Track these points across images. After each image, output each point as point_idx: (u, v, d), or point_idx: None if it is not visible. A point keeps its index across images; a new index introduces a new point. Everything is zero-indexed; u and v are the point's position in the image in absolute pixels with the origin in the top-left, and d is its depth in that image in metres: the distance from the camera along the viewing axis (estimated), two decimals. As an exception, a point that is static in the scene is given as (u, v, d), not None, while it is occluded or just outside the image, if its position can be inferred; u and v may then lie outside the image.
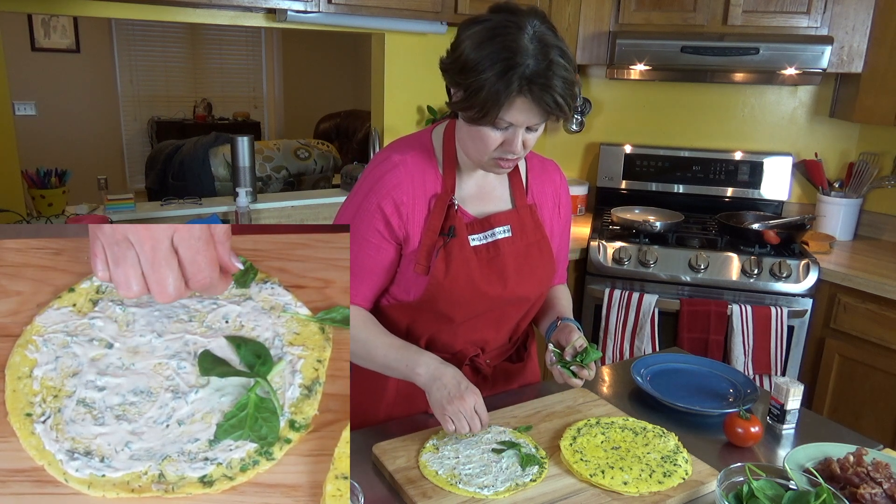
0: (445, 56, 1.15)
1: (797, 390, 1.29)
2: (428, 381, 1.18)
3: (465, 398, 1.14)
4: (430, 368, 1.19)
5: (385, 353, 1.23)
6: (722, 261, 2.43)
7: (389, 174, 1.23)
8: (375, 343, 1.24)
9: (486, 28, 1.08)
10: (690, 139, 3.05)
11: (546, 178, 1.38)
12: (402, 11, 2.36)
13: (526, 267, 1.30)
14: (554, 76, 1.05)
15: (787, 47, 2.44)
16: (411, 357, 1.21)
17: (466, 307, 1.26)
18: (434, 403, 1.16)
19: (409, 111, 2.87)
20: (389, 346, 1.23)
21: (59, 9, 2.21)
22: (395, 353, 1.23)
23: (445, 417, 1.14)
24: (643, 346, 2.43)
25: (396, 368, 1.22)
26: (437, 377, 1.17)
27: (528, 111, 1.09)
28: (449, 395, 1.14)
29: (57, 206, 2.36)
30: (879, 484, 1.05)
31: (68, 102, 6.26)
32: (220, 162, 3.96)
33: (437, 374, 1.18)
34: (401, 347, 1.23)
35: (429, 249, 1.23)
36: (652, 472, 1.12)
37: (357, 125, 6.27)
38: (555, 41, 1.07)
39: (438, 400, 1.15)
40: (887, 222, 2.78)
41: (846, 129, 2.85)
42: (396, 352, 1.23)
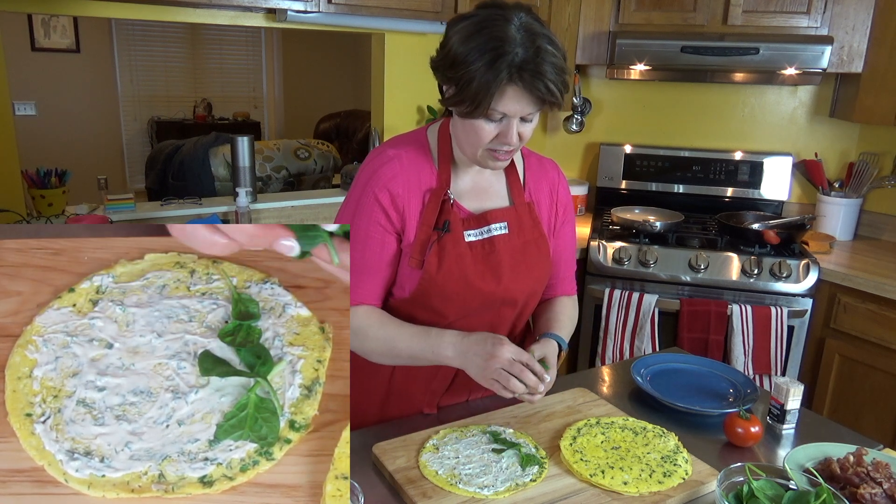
0: (435, 54, 1.16)
1: (797, 390, 1.29)
2: (460, 361, 1.17)
3: (495, 355, 1.12)
4: (456, 347, 1.18)
5: (409, 344, 1.22)
6: (722, 261, 2.43)
7: (385, 167, 1.23)
8: (397, 337, 1.22)
9: (473, 22, 1.09)
10: (690, 139, 3.05)
11: (543, 175, 1.38)
12: (402, 11, 2.36)
13: (522, 264, 1.29)
14: (543, 62, 1.06)
15: (787, 47, 2.44)
16: (435, 342, 1.20)
17: (459, 303, 1.25)
18: (477, 378, 1.15)
19: (409, 111, 2.87)
20: (412, 337, 1.22)
21: (59, 9, 2.21)
22: (419, 342, 1.21)
23: (494, 385, 1.13)
24: (643, 346, 2.43)
25: (425, 357, 1.21)
26: (464, 352, 1.17)
27: (520, 100, 1.09)
28: (482, 360, 1.13)
29: (57, 206, 2.36)
30: (879, 484, 1.05)
31: (68, 102, 6.26)
32: (220, 162, 3.96)
33: (463, 349, 1.17)
34: (423, 335, 1.22)
35: (423, 243, 1.22)
36: (652, 472, 1.12)
37: (357, 125, 6.27)
38: (542, 30, 1.08)
39: (477, 374, 1.15)
40: (887, 222, 2.78)
41: (846, 129, 2.86)
42: (420, 341, 1.21)
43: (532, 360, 1.15)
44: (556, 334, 1.31)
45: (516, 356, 1.13)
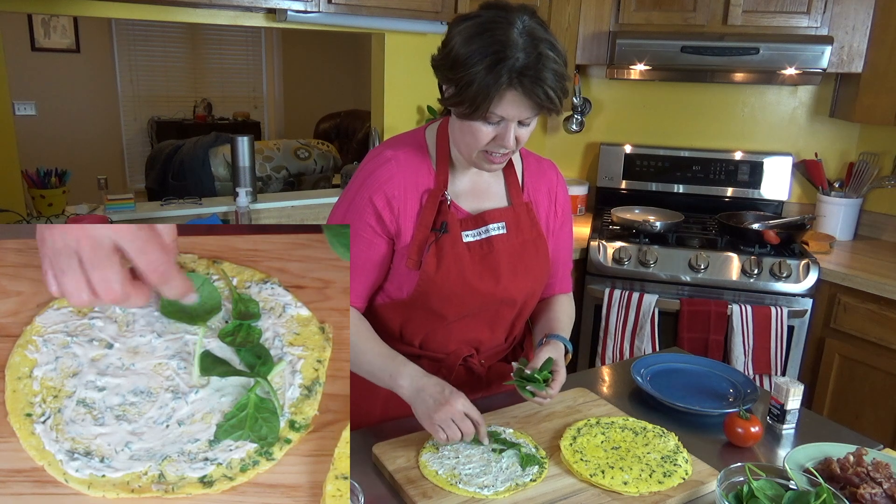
0: (437, 53, 1.16)
1: (797, 390, 1.29)
2: (411, 395, 1.16)
3: (450, 402, 1.12)
4: (413, 381, 1.17)
5: (371, 360, 1.22)
6: (722, 261, 2.43)
7: (381, 168, 1.23)
8: (363, 349, 1.22)
9: (475, 24, 1.09)
10: (690, 139, 3.05)
11: (542, 176, 1.38)
12: (402, 11, 2.36)
13: (521, 264, 1.29)
14: (544, 69, 1.06)
15: (787, 47, 2.44)
16: (395, 368, 1.20)
17: (458, 304, 1.26)
18: (421, 416, 1.15)
19: (409, 111, 2.87)
20: (376, 355, 1.22)
21: (59, 9, 2.21)
22: (381, 362, 1.21)
23: (435, 427, 1.12)
24: (643, 346, 2.42)
25: (381, 378, 1.21)
26: (419, 388, 1.16)
27: (519, 104, 1.09)
28: (434, 403, 1.13)
29: (57, 206, 2.36)
30: (879, 484, 1.05)
31: (68, 102, 6.26)
32: (220, 162, 3.96)
33: (420, 386, 1.16)
34: (386, 357, 1.22)
35: (420, 244, 1.23)
36: (652, 472, 1.12)
37: (357, 125, 6.27)
38: (545, 35, 1.08)
39: (425, 412, 1.14)
40: (887, 222, 2.78)
41: (846, 129, 2.85)
42: (382, 361, 1.21)
43: (481, 420, 1.14)
44: (562, 336, 1.32)
45: (468, 411, 1.13)
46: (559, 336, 1.31)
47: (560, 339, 1.30)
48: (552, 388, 1.19)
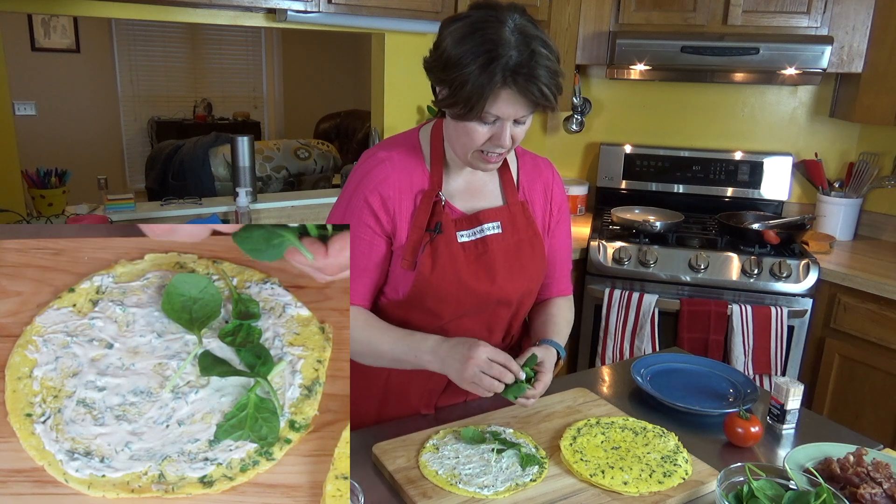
0: (429, 55, 1.15)
1: (797, 390, 1.29)
2: (440, 367, 1.18)
3: (472, 356, 1.13)
4: (436, 353, 1.18)
5: (392, 347, 1.23)
6: (722, 261, 2.43)
7: (376, 169, 1.23)
8: (380, 339, 1.23)
9: (466, 24, 1.09)
10: (690, 139, 3.05)
11: (538, 175, 1.37)
12: (402, 11, 2.36)
13: (516, 264, 1.29)
14: (538, 66, 1.06)
15: (787, 47, 2.44)
16: (417, 346, 1.21)
17: (454, 304, 1.26)
18: (458, 382, 1.16)
19: (409, 111, 2.87)
20: (395, 341, 1.23)
21: (59, 9, 2.21)
22: (402, 346, 1.22)
23: (472, 386, 1.14)
24: (643, 346, 2.43)
25: (408, 361, 1.22)
26: (443, 357, 1.17)
27: (514, 103, 1.09)
28: (460, 364, 1.14)
29: (57, 206, 2.36)
30: (879, 484, 1.05)
31: (68, 102, 6.26)
32: (220, 162, 3.96)
33: (442, 355, 1.17)
34: (406, 338, 1.23)
35: (415, 245, 1.23)
36: (652, 472, 1.12)
37: (357, 125, 6.27)
38: (536, 32, 1.08)
39: (456, 377, 1.15)
40: (887, 222, 2.78)
41: (846, 129, 2.85)
42: (404, 344, 1.22)
43: (509, 358, 1.15)
44: (555, 342, 1.30)
45: (492, 356, 1.14)
46: (552, 341, 1.30)
47: (553, 344, 1.29)
48: (536, 388, 1.19)
